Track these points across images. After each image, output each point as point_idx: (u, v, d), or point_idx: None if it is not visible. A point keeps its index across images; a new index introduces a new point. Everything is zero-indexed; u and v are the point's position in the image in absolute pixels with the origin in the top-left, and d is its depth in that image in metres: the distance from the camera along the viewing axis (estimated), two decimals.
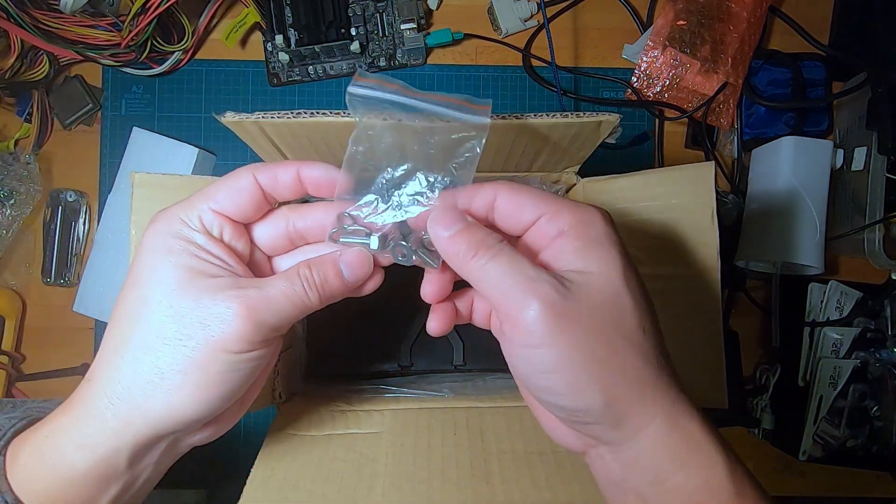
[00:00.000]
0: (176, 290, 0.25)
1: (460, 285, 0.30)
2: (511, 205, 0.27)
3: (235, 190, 0.27)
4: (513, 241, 0.27)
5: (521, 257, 0.25)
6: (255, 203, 0.28)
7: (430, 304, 0.30)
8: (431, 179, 0.27)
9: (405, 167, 0.27)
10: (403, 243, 0.28)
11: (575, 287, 0.24)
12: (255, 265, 0.29)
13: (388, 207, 0.28)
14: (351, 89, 0.26)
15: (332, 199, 0.28)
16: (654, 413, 0.24)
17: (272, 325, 0.26)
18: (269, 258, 0.30)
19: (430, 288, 0.29)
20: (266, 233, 0.29)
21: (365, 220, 0.28)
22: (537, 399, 0.26)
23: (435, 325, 0.30)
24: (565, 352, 0.23)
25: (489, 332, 0.30)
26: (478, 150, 0.26)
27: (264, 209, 0.29)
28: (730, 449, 0.25)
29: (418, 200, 0.27)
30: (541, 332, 0.23)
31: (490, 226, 0.27)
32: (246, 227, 0.29)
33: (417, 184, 0.27)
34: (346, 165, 0.27)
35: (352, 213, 0.28)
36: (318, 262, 0.27)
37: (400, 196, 0.27)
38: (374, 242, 0.28)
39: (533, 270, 0.24)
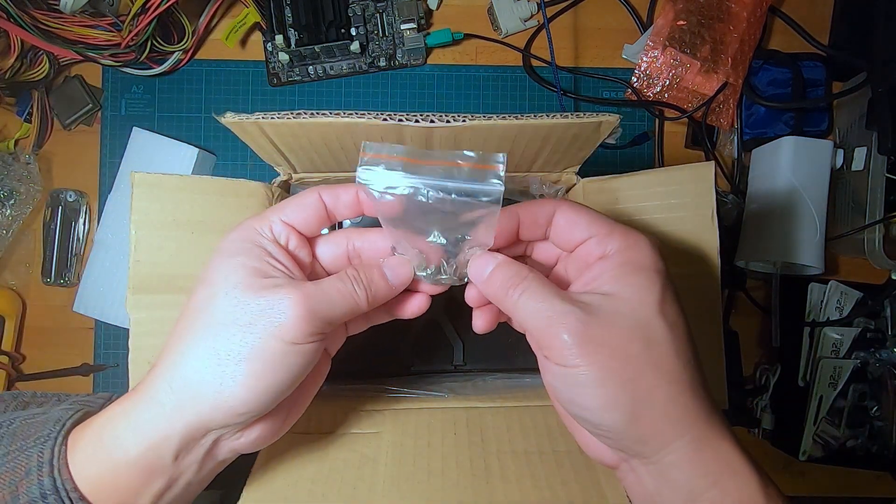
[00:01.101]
0: (240, 284, 0.27)
1: None
2: (567, 222, 0.29)
3: (303, 205, 0.30)
4: (560, 257, 0.31)
5: (549, 288, 0.27)
6: (319, 217, 0.30)
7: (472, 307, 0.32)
8: (462, 232, 0.29)
9: (431, 229, 0.29)
10: (446, 275, 0.30)
11: (602, 312, 0.26)
12: (315, 277, 0.31)
13: (435, 241, 0.29)
14: (360, 174, 0.27)
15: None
16: (681, 432, 0.25)
17: (325, 317, 0.27)
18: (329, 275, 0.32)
19: (473, 292, 0.31)
20: (328, 250, 0.32)
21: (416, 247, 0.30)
22: (567, 410, 0.28)
23: (481, 323, 0.32)
24: (594, 372, 0.25)
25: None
26: (495, 214, 0.27)
27: (325, 224, 0.31)
28: (762, 470, 0.26)
29: (457, 242, 0.29)
30: (570, 356, 0.25)
31: (544, 241, 0.30)
32: (310, 242, 0.31)
33: (450, 234, 0.29)
34: (383, 223, 0.29)
35: (405, 241, 0.30)
36: (364, 265, 0.30)
37: (437, 241, 0.29)
38: (426, 272, 0.30)
39: (559, 302, 0.26)
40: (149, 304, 0.34)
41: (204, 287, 0.28)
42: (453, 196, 0.26)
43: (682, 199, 0.36)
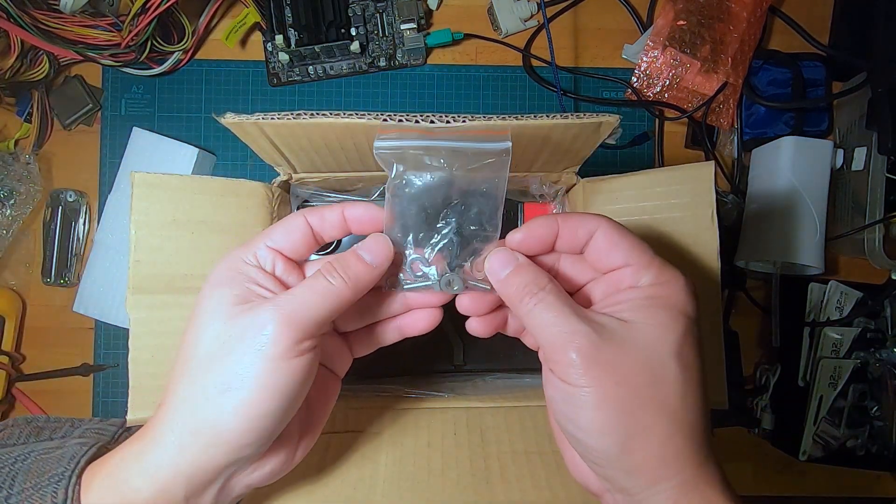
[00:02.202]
0: (221, 315, 0.27)
1: None
2: (607, 243, 0.28)
3: (288, 229, 0.30)
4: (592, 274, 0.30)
5: (566, 303, 0.26)
6: (306, 240, 0.30)
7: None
8: (471, 212, 0.28)
9: (443, 206, 0.29)
10: (456, 277, 0.29)
11: (616, 337, 0.25)
12: None
13: (437, 244, 0.29)
14: (377, 143, 0.27)
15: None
16: (670, 475, 0.25)
17: (307, 322, 0.26)
18: None
19: (465, 301, 0.30)
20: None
21: (417, 262, 0.30)
22: (562, 427, 0.27)
23: (477, 327, 0.31)
24: (595, 395, 0.25)
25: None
26: (505, 172, 0.27)
27: (314, 247, 0.31)
28: None
29: (464, 231, 0.29)
30: (575, 375, 0.25)
31: (576, 255, 0.29)
32: (300, 267, 0.31)
33: (459, 218, 0.29)
34: (388, 216, 0.29)
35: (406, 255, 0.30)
36: (338, 255, 0.29)
37: (445, 231, 0.29)
38: (435, 284, 0.30)
39: (574, 318, 0.25)
40: (149, 304, 0.34)
41: (193, 321, 0.28)
42: (467, 144, 0.26)
43: (682, 199, 0.36)
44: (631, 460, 0.25)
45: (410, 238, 0.30)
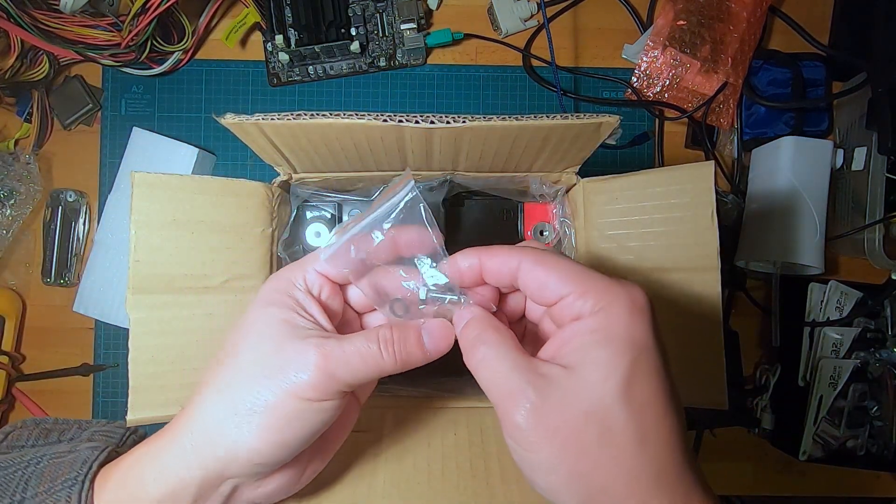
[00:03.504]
0: (266, 336, 0.27)
1: None
2: (533, 283, 0.26)
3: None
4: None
5: (509, 357, 0.25)
6: (355, 266, 0.30)
7: None
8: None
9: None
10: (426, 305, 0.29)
11: (559, 392, 0.23)
12: (347, 322, 0.31)
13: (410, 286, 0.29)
14: (324, 262, 0.29)
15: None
16: None
17: (344, 380, 0.27)
18: (360, 316, 0.32)
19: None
20: (356, 292, 0.31)
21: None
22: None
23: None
24: (545, 459, 0.23)
25: None
26: (420, 206, 0.28)
27: (364, 272, 0.30)
28: None
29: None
30: (523, 439, 0.24)
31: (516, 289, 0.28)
32: (343, 290, 0.31)
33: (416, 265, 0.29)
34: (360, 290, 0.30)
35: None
36: (402, 327, 0.28)
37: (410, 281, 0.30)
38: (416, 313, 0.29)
39: (517, 376, 0.24)
40: (149, 304, 0.34)
41: (236, 334, 0.28)
42: (385, 225, 0.28)
43: (682, 199, 0.36)
44: None
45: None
